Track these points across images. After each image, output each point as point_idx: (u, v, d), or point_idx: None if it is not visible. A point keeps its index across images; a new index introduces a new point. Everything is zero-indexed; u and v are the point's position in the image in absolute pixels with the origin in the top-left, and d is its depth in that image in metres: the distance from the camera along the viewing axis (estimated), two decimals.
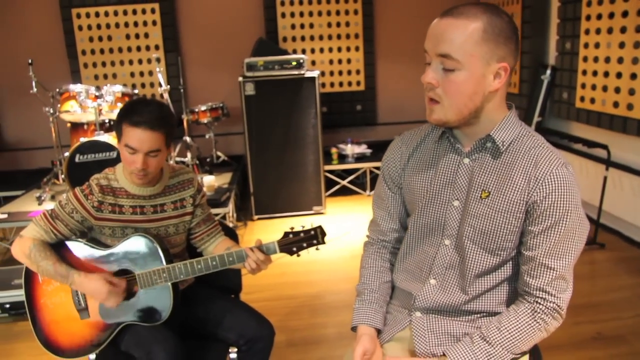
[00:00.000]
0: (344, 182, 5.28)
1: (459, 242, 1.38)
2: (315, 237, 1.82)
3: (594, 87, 3.92)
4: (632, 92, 3.55)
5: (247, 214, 4.82)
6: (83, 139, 3.95)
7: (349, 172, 5.35)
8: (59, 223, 1.83)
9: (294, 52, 5.44)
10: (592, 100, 3.95)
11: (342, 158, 5.30)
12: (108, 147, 3.90)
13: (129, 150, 1.77)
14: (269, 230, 4.53)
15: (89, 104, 4.07)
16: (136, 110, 1.76)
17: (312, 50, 5.61)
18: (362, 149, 5.38)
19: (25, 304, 1.91)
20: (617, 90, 3.68)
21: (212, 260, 1.82)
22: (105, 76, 5.40)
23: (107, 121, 4.37)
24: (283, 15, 5.49)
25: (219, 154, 5.34)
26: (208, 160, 5.26)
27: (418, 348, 1.38)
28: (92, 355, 1.91)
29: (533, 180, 1.27)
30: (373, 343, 1.41)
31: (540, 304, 1.29)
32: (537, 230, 1.28)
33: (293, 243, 1.82)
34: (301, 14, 5.51)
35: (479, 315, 1.39)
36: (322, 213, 4.84)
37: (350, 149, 5.31)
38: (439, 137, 1.42)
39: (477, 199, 1.33)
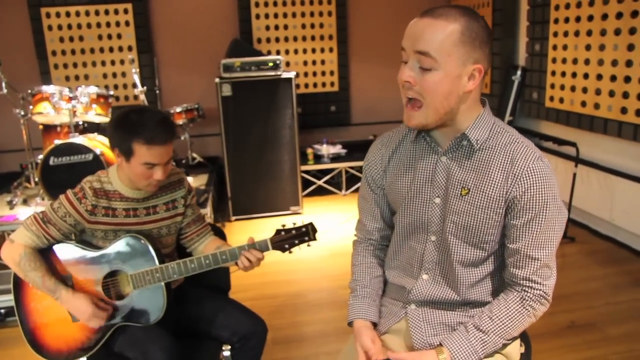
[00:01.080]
0: (320, 182, 5.32)
1: (443, 238, 1.42)
2: (306, 233, 1.86)
3: (562, 87, 4.08)
4: (598, 92, 3.70)
5: (225, 215, 4.82)
6: (58, 141, 3.89)
7: (325, 172, 5.40)
8: (51, 227, 1.81)
9: (269, 53, 5.46)
10: (561, 100, 4.10)
11: (318, 158, 5.34)
12: (84, 149, 3.86)
13: (148, 167, 1.76)
14: (247, 231, 4.54)
15: (62, 106, 4.01)
16: (145, 126, 1.73)
17: (287, 52, 5.64)
18: (337, 149, 5.43)
19: (15, 308, 1.89)
20: (585, 90, 3.83)
21: (205, 259, 1.84)
22: (77, 77, 5.32)
23: (81, 123, 4.31)
24: (257, 16, 5.50)
25: (195, 155, 5.31)
26: (184, 161, 5.23)
27: (415, 339, 1.43)
28: (83, 359, 1.91)
29: (511, 177, 1.32)
30: (373, 333, 1.46)
31: (527, 292, 1.36)
32: (519, 223, 1.33)
33: (285, 240, 1.85)
34: (275, 16, 5.54)
35: (470, 306, 1.45)
36: (299, 213, 4.86)
37: (326, 149, 5.36)
38: (415, 137, 1.46)
39: (457, 196, 1.38)
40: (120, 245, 1.85)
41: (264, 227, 4.60)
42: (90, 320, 1.78)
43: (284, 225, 1.88)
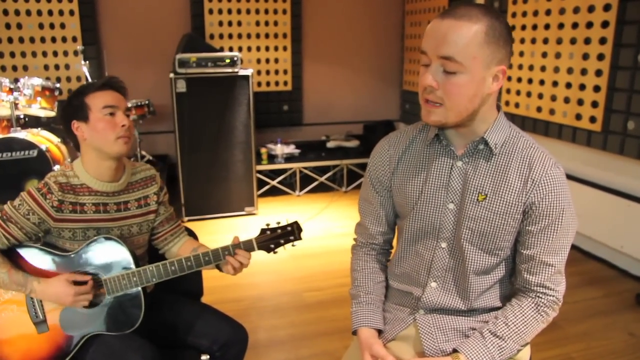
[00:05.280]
0: (274, 183, 5.23)
1: (456, 245, 1.38)
2: (292, 232, 1.78)
3: (518, 93, 4.19)
4: (553, 98, 3.83)
5: (177, 215, 4.60)
6: None
7: (277, 172, 5.31)
8: (12, 226, 1.65)
9: (221, 49, 5.31)
10: (517, 105, 4.22)
11: (272, 158, 5.25)
12: (28, 145, 3.59)
13: (109, 111, 1.70)
14: (201, 232, 4.30)
15: (3, 97, 3.72)
16: (94, 82, 1.76)
17: (240, 49, 5.50)
18: (291, 149, 5.36)
19: None
20: (540, 96, 3.95)
21: (187, 260, 1.72)
22: (15, 68, 4.94)
23: (22, 117, 4.01)
24: (211, 11, 5.34)
25: (144, 153, 5.09)
26: (132, 159, 4.98)
27: (426, 346, 1.38)
28: None
29: (530, 182, 1.30)
30: (379, 342, 1.39)
31: (541, 298, 1.34)
32: (536, 229, 1.31)
33: (270, 240, 1.77)
34: (229, 11, 5.39)
35: (480, 312, 1.42)
36: (254, 214, 4.76)
37: (280, 149, 5.28)
38: (431, 140, 1.40)
39: (474, 201, 1.34)
40: (93, 247, 1.71)
41: (218, 228, 4.46)
42: (77, 301, 1.63)
43: (268, 225, 1.79)
